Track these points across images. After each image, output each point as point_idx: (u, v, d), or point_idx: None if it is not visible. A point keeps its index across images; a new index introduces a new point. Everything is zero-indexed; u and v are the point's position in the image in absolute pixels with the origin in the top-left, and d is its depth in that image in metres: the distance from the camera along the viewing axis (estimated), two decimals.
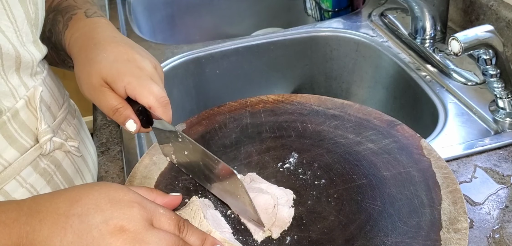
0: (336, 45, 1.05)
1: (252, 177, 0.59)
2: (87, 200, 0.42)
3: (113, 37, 0.58)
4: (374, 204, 0.54)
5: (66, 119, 0.65)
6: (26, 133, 0.56)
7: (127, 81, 0.53)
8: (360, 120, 0.67)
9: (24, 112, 0.56)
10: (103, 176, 0.69)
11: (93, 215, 0.41)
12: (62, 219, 0.41)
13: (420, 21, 0.91)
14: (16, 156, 0.55)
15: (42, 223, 0.41)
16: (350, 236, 0.51)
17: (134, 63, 0.55)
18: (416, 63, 0.89)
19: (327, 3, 1.19)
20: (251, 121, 0.69)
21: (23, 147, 0.56)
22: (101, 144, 0.75)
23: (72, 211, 0.42)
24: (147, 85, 0.54)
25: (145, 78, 0.54)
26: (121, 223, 0.41)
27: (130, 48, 0.57)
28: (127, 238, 0.41)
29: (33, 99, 0.56)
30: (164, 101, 0.54)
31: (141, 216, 0.42)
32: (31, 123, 0.56)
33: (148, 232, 0.42)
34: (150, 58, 0.58)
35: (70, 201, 0.42)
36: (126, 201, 0.43)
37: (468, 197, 0.60)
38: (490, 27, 0.68)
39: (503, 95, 0.73)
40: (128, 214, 0.42)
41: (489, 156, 0.66)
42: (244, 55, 1.02)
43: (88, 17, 0.61)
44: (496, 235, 0.55)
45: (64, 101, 0.66)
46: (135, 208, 0.42)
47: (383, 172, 0.59)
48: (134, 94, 0.54)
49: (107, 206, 0.42)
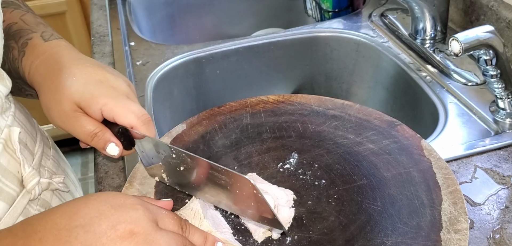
0: (336, 45, 1.05)
1: (252, 177, 0.59)
2: (88, 210, 0.40)
3: (79, 58, 0.54)
4: (374, 204, 0.54)
5: (44, 153, 0.62)
6: (10, 180, 0.52)
7: (103, 103, 0.50)
8: (360, 120, 0.67)
9: (3, 157, 0.52)
10: (103, 176, 0.69)
11: (98, 223, 0.39)
12: (64, 234, 0.39)
13: (420, 22, 0.91)
14: (6, 209, 0.51)
15: (42, 241, 0.39)
16: (351, 237, 0.51)
17: (107, 83, 0.52)
18: (417, 64, 0.89)
19: (327, 3, 1.19)
20: (251, 121, 0.69)
21: (10, 196, 0.52)
22: None
23: (73, 224, 0.39)
24: (125, 105, 0.51)
25: (121, 97, 0.51)
26: (129, 226, 0.40)
27: (100, 68, 0.53)
28: (138, 240, 0.39)
29: (10, 141, 0.52)
30: (146, 118, 0.52)
31: (148, 217, 0.41)
32: (12, 167, 0.52)
33: (157, 233, 0.41)
34: (121, 76, 0.55)
35: (68, 214, 0.40)
36: (130, 204, 0.41)
37: (468, 197, 0.60)
38: (491, 28, 0.68)
39: (504, 96, 0.73)
40: (135, 216, 0.40)
41: (490, 157, 0.66)
42: (245, 56, 1.02)
43: (46, 41, 0.56)
44: (497, 235, 0.55)
45: (36, 132, 0.62)
46: (140, 210, 0.41)
47: (384, 172, 0.59)
48: (113, 115, 0.50)
49: (111, 212, 0.40)
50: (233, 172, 0.47)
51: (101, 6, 1.22)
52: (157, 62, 0.96)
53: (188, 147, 0.65)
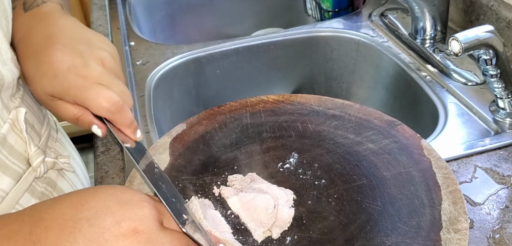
0: (337, 45, 1.05)
1: (252, 177, 0.59)
2: (95, 203, 0.40)
3: (49, 38, 0.51)
4: (374, 204, 0.54)
5: (51, 135, 0.63)
6: (17, 158, 0.53)
7: (73, 95, 0.49)
8: (360, 120, 0.67)
9: (11, 136, 0.53)
10: (103, 176, 0.69)
11: (103, 218, 0.39)
12: (70, 224, 0.39)
13: (420, 21, 0.91)
14: (12, 184, 0.53)
15: (48, 230, 0.39)
16: (350, 236, 0.51)
17: (75, 71, 0.49)
18: (416, 63, 0.89)
19: (327, 3, 1.19)
20: (251, 121, 0.69)
21: (17, 173, 0.53)
22: (101, 144, 0.75)
23: (79, 215, 0.40)
24: (94, 96, 0.49)
25: (90, 87, 0.49)
26: (133, 224, 0.39)
27: (69, 51, 0.50)
28: (141, 239, 0.39)
29: (17, 121, 0.54)
30: (117, 107, 0.49)
31: (153, 216, 0.41)
32: (19, 146, 0.54)
33: (161, 232, 0.41)
34: (95, 53, 0.51)
35: (75, 205, 0.40)
36: (136, 201, 0.41)
37: (468, 197, 0.60)
38: (491, 27, 0.68)
39: (503, 95, 0.73)
40: (140, 214, 0.40)
41: (489, 157, 0.66)
42: (244, 55, 1.02)
43: (25, 11, 0.55)
44: (496, 235, 0.55)
45: (43, 116, 0.63)
46: (146, 208, 0.41)
47: (383, 172, 0.59)
48: (85, 106, 0.50)
49: (117, 208, 0.40)
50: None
51: (101, 6, 1.22)
52: (157, 62, 0.96)
53: (188, 147, 0.65)
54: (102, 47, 0.52)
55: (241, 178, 0.59)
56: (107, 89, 0.49)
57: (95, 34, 0.54)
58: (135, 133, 0.52)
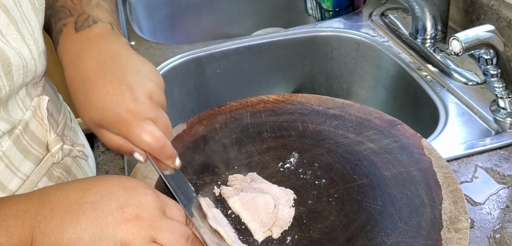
0: (337, 45, 1.05)
1: (252, 177, 0.59)
2: (100, 188, 0.42)
3: (100, 66, 0.51)
4: (374, 203, 0.54)
5: (66, 125, 0.65)
6: (37, 144, 0.56)
7: (118, 129, 0.49)
8: (360, 119, 0.67)
9: (32, 123, 0.55)
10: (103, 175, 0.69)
11: (107, 202, 0.41)
12: (75, 207, 0.41)
13: (420, 21, 0.91)
14: (32, 168, 0.55)
15: (53, 212, 0.41)
16: (351, 236, 0.51)
17: (124, 106, 0.49)
18: (417, 63, 0.89)
19: (328, 3, 1.19)
20: (251, 121, 0.69)
21: (37, 158, 0.56)
22: (102, 144, 0.75)
23: (84, 199, 0.41)
24: (138, 133, 0.49)
25: (136, 124, 0.48)
26: (136, 210, 0.41)
27: (120, 84, 0.50)
28: (143, 225, 0.41)
29: (38, 109, 0.56)
30: (159, 144, 0.50)
31: (155, 204, 0.42)
32: (40, 133, 0.56)
33: (162, 220, 0.42)
34: (144, 85, 0.51)
35: (82, 189, 0.42)
36: (141, 189, 0.43)
37: (468, 197, 0.60)
38: (491, 27, 0.68)
39: (504, 95, 0.72)
40: (143, 201, 0.42)
41: (490, 156, 0.66)
42: (245, 55, 1.02)
43: (77, 31, 0.54)
44: (497, 235, 0.55)
45: (61, 105, 0.66)
46: (149, 196, 0.42)
47: (384, 171, 0.58)
48: (129, 140, 0.50)
49: (122, 194, 0.42)
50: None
51: None
52: (158, 62, 0.96)
53: (188, 147, 0.65)
54: (150, 79, 0.52)
55: (241, 178, 0.59)
56: (152, 125, 0.49)
57: (144, 63, 0.53)
58: (175, 163, 0.53)
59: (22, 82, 0.52)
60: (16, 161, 0.53)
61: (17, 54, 0.50)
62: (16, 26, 0.50)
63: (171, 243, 0.42)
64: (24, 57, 0.51)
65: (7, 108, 0.52)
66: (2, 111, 0.51)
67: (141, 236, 0.40)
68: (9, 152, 0.52)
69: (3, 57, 0.48)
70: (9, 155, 0.52)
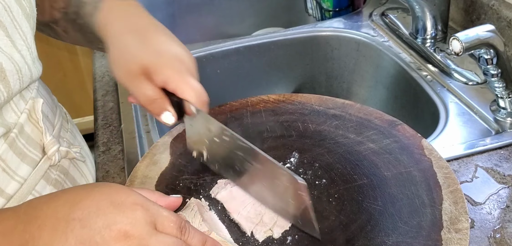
0: (337, 44, 1.05)
1: None
2: (88, 202, 0.41)
3: (152, 23, 0.57)
4: (375, 204, 0.54)
5: (63, 126, 0.65)
6: (33, 146, 0.55)
7: (168, 75, 0.52)
8: (361, 120, 0.67)
9: (27, 126, 0.55)
10: (103, 175, 0.69)
11: (94, 220, 0.39)
12: (62, 224, 0.40)
13: (421, 21, 0.91)
14: (29, 171, 0.55)
15: (41, 229, 0.40)
16: (351, 236, 0.51)
17: (175, 55, 0.54)
18: (417, 63, 0.89)
19: (328, 2, 1.19)
20: (252, 120, 0.69)
21: (33, 161, 0.55)
22: (102, 144, 0.75)
23: (72, 215, 0.40)
24: (188, 81, 0.53)
25: (186, 72, 0.53)
26: (124, 228, 0.39)
27: (170, 38, 0.55)
28: (132, 243, 0.39)
29: (33, 111, 0.56)
30: (204, 98, 0.54)
31: (145, 220, 0.41)
32: (35, 136, 0.56)
33: (152, 237, 0.40)
34: (188, 53, 0.56)
35: (69, 203, 0.41)
36: (129, 204, 0.41)
37: (469, 197, 0.60)
38: (491, 27, 0.68)
39: (504, 95, 0.73)
40: (132, 218, 0.40)
41: (490, 156, 0.66)
42: (245, 55, 1.02)
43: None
44: (497, 235, 0.55)
45: (56, 107, 0.66)
46: (138, 211, 0.41)
47: (384, 172, 0.59)
48: (175, 88, 0.52)
49: (110, 210, 0.40)
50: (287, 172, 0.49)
51: None
52: None
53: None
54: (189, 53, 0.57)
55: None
56: (197, 81, 0.54)
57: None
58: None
59: (19, 87, 0.51)
60: (13, 165, 0.53)
61: (9, 59, 0.49)
62: (5, 31, 0.49)
63: None
64: (16, 62, 0.50)
65: (1, 112, 0.52)
66: None
67: None
68: (5, 156, 0.52)
69: None
70: (5, 159, 0.52)
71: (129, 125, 0.77)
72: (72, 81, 2.15)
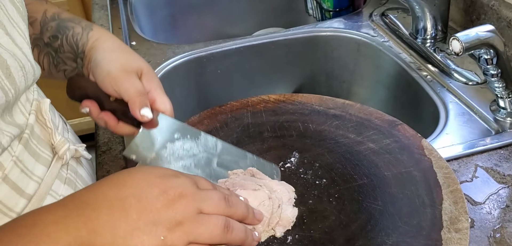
0: (337, 45, 1.05)
1: (252, 171, 0.59)
2: (135, 181, 0.43)
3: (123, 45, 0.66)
4: (375, 203, 0.55)
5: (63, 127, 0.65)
6: (43, 146, 0.56)
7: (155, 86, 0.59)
8: (361, 120, 0.67)
9: (37, 126, 0.56)
10: (104, 175, 0.69)
11: (149, 191, 0.42)
12: (117, 204, 0.41)
13: (421, 21, 0.91)
14: (45, 171, 0.55)
15: (97, 211, 0.41)
16: (351, 236, 0.51)
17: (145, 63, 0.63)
18: (417, 63, 0.89)
19: (328, 3, 1.19)
20: (252, 120, 0.70)
21: (46, 161, 0.56)
22: (102, 144, 0.75)
23: (124, 194, 0.42)
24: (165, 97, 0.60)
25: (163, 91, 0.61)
26: (179, 190, 0.43)
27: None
28: (189, 200, 0.43)
29: (40, 112, 0.57)
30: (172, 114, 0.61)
31: (190, 181, 0.45)
32: (44, 136, 0.57)
33: (201, 192, 0.45)
34: None
35: (116, 186, 0.43)
36: (172, 173, 0.45)
37: (469, 196, 0.60)
38: (491, 27, 0.68)
39: (504, 95, 0.73)
40: (181, 182, 0.44)
41: (490, 156, 0.66)
42: (246, 55, 1.03)
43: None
44: (497, 234, 0.55)
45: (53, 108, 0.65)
46: (182, 176, 0.45)
47: (384, 172, 0.59)
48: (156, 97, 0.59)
49: (159, 181, 0.43)
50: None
51: (102, 6, 1.23)
52: (159, 62, 0.96)
53: None
54: None
55: (241, 172, 0.59)
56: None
57: None
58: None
59: (25, 85, 0.52)
60: (30, 165, 0.53)
61: (11, 55, 0.50)
62: (4, 29, 0.50)
63: (215, 208, 0.45)
64: (19, 59, 0.51)
65: (12, 113, 0.52)
66: (9, 116, 0.52)
67: (190, 211, 0.43)
68: (22, 157, 0.52)
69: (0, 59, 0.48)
70: (22, 160, 0.52)
71: None
72: None
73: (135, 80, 0.58)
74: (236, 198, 0.48)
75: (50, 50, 0.65)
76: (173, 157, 0.58)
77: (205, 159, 0.59)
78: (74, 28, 0.65)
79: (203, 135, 0.60)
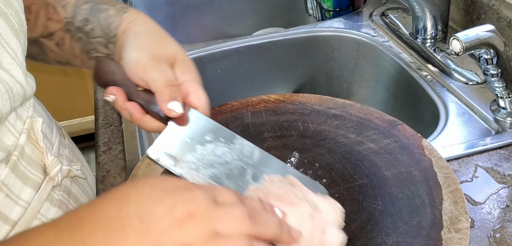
0: (337, 45, 1.05)
1: (292, 181, 0.51)
2: (139, 196, 0.37)
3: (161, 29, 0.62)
4: (375, 203, 0.55)
5: (61, 142, 0.63)
6: (34, 168, 0.53)
7: (191, 77, 0.55)
8: (361, 120, 0.67)
9: (28, 147, 0.53)
10: (104, 175, 0.69)
11: (153, 209, 0.36)
12: (116, 223, 0.36)
13: (421, 21, 0.91)
14: (33, 194, 0.52)
15: (92, 234, 0.35)
16: (351, 236, 0.51)
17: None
18: (417, 63, 0.89)
19: (328, 3, 1.19)
20: (252, 120, 0.69)
21: (36, 183, 0.53)
22: (103, 144, 0.75)
23: (125, 211, 0.36)
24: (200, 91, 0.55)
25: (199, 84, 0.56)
26: (187, 207, 0.36)
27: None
28: (200, 220, 0.36)
29: (32, 131, 0.53)
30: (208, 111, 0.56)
31: (204, 195, 0.37)
32: (36, 156, 0.54)
33: (217, 208, 0.37)
34: None
35: (117, 202, 0.37)
36: (183, 186, 0.38)
37: (469, 196, 0.60)
38: (491, 27, 0.68)
39: (504, 95, 0.73)
40: (191, 196, 0.37)
41: (490, 156, 0.66)
42: (245, 55, 1.02)
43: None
44: (497, 234, 0.55)
45: (52, 123, 0.64)
46: (195, 189, 0.38)
47: (384, 171, 0.59)
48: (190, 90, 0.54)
49: (165, 195, 0.37)
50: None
51: None
52: None
53: None
54: None
55: (279, 180, 0.52)
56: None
57: None
58: None
59: (10, 107, 0.49)
60: (16, 189, 0.50)
61: None
62: None
63: (235, 227, 0.37)
64: (5, 82, 0.47)
65: None
66: None
67: (202, 233, 0.36)
68: (7, 181, 0.49)
69: None
70: (8, 184, 0.49)
71: (130, 125, 0.77)
72: (73, 80, 2.16)
73: (165, 68, 0.52)
74: (266, 214, 0.40)
75: (81, 35, 0.61)
76: (202, 163, 0.50)
77: (239, 169, 0.51)
78: (107, 11, 0.60)
79: (238, 140, 0.53)
